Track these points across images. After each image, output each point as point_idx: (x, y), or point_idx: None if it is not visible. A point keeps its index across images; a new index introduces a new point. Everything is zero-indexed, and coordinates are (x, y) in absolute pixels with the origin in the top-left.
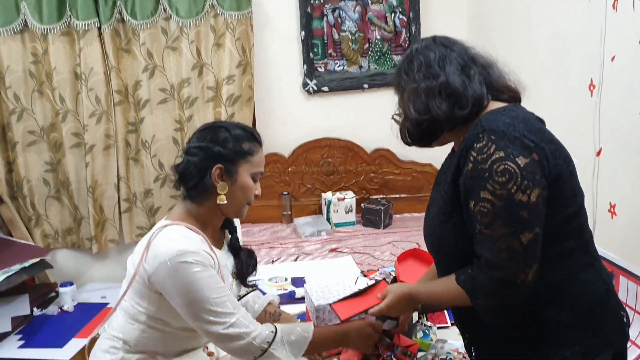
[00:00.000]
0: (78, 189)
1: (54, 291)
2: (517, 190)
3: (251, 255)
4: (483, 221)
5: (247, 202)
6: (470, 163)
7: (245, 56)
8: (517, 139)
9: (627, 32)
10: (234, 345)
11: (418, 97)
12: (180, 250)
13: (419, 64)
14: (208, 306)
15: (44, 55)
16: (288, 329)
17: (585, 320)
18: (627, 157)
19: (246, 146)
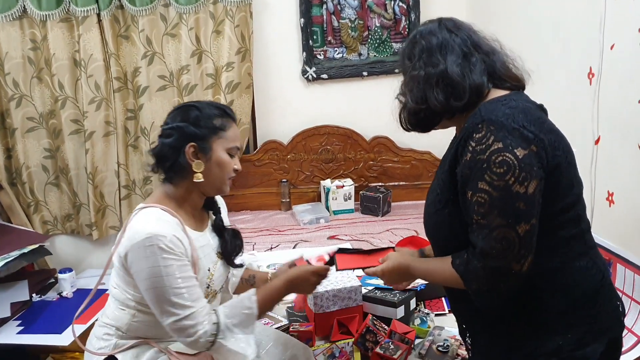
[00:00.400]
0: (77, 175)
1: (53, 277)
2: (514, 182)
3: (236, 236)
4: (479, 211)
5: (227, 177)
6: (468, 153)
7: (245, 43)
8: (515, 130)
9: (626, 20)
10: (184, 340)
11: (416, 85)
12: (150, 233)
13: (420, 49)
14: (166, 295)
15: (42, 42)
16: (231, 312)
17: (579, 308)
18: (625, 145)
19: (218, 122)
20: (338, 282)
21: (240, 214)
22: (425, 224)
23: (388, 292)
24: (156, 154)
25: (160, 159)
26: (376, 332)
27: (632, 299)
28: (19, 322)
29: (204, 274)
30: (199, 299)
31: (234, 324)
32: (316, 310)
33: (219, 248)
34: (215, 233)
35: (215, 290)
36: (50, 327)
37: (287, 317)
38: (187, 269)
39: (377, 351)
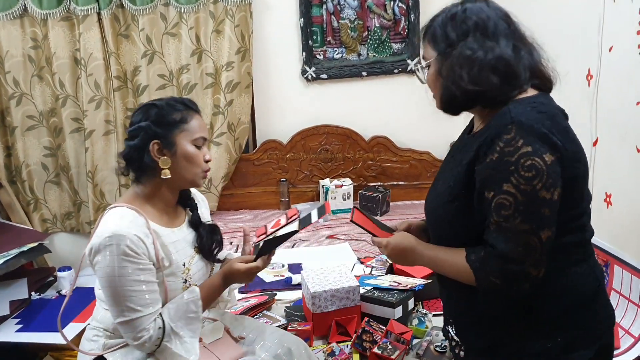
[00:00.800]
0: (78, 173)
1: (52, 275)
2: (541, 188)
3: (214, 231)
4: (502, 213)
5: (199, 169)
6: (495, 153)
7: (245, 43)
8: (545, 136)
9: (625, 23)
10: (131, 342)
11: (473, 66)
12: (111, 233)
13: (473, 26)
14: (117, 296)
15: (43, 40)
16: (177, 315)
17: (572, 313)
18: (623, 147)
19: (178, 116)
20: (336, 282)
21: (239, 213)
22: (429, 211)
23: (386, 293)
24: (124, 156)
25: (129, 161)
26: (372, 332)
27: (629, 300)
28: (17, 320)
29: (177, 269)
30: (149, 304)
31: (180, 327)
32: (314, 310)
33: (195, 243)
34: (192, 228)
35: (195, 284)
36: (49, 325)
37: (285, 317)
38: (141, 273)
39: (374, 351)
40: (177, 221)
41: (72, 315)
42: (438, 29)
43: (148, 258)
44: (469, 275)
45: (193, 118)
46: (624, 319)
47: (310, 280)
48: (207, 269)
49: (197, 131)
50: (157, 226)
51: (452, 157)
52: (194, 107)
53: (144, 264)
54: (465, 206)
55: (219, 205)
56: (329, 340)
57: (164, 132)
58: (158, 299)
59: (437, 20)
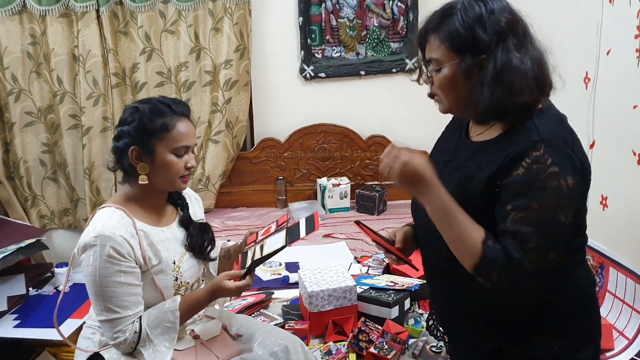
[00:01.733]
0: (75, 170)
1: (49, 271)
2: (560, 210)
3: (205, 229)
4: (522, 228)
5: (176, 177)
6: (522, 169)
7: (243, 41)
8: (570, 157)
9: (623, 26)
10: (109, 340)
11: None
12: (97, 234)
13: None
14: (98, 295)
15: (42, 37)
16: (154, 323)
17: (575, 315)
18: (620, 150)
19: (158, 123)
20: (333, 282)
21: (236, 211)
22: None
23: (383, 292)
24: (113, 154)
25: (115, 159)
26: (369, 332)
27: (624, 302)
28: (15, 315)
29: (167, 266)
30: (128, 307)
31: (157, 334)
32: (311, 309)
33: (186, 241)
34: (182, 227)
35: (187, 282)
36: (47, 321)
37: (282, 316)
38: (123, 276)
39: (371, 351)
40: (167, 220)
41: (69, 311)
42: (459, 28)
43: (133, 259)
44: (471, 256)
45: (177, 125)
46: (619, 320)
47: (308, 279)
48: (199, 267)
49: (178, 140)
50: (145, 225)
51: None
52: (183, 110)
53: (128, 266)
54: (484, 218)
55: (216, 203)
56: (325, 340)
57: (143, 139)
58: (139, 302)
59: (453, 18)
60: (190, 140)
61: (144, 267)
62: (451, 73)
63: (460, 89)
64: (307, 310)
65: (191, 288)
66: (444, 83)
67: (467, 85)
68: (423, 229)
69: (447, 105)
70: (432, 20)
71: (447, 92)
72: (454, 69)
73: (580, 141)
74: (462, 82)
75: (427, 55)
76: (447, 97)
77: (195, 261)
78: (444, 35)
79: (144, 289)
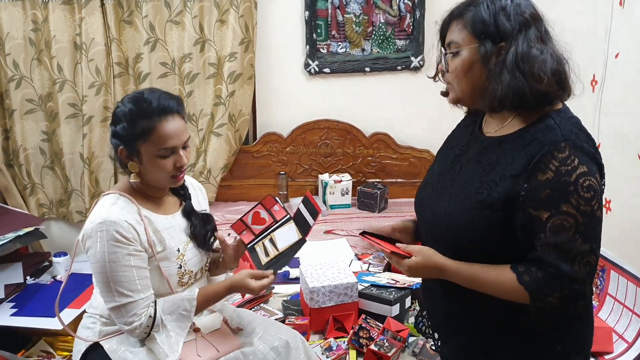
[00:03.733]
0: (72, 160)
1: (47, 260)
2: (597, 208)
3: (207, 220)
4: (562, 235)
5: (166, 175)
6: (549, 172)
7: (248, 34)
8: (592, 156)
9: (632, 30)
10: (123, 327)
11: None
12: (103, 219)
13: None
14: (108, 281)
15: (43, 23)
16: (170, 309)
17: (572, 324)
18: (625, 154)
19: (140, 126)
20: (335, 278)
21: (237, 205)
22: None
23: (384, 290)
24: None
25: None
26: (369, 329)
27: (625, 306)
28: (12, 304)
29: (171, 254)
30: (140, 290)
31: (170, 320)
32: (312, 305)
33: (189, 231)
34: (185, 217)
35: (191, 270)
36: (44, 310)
37: (282, 311)
38: (132, 259)
39: (371, 348)
40: (171, 208)
41: (67, 301)
42: (484, 15)
43: (139, 244)
44: (520, 296)
45: (159, 127)
46: (618, 324)
47: (309, 275)
48: (202, 257)
49: (162, 143)
50: (150, 212)
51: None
52: (168, 106)
53: (135, 249)
54: (499, 217)
55: (217, 196)
56: (326, 336)
57: (128, 141)
58: (149, 285)
59: (479, 6)
60: (175, 140)
61: (149, 252)
62: (469, 57)
63: (476, 74)
64: (307, 305)
65: (195, 277)
66: (460, 67)
67: (483, 71)
68: (426, 228)
69: (459, 92)
70: (457, 8)
71: (461, 77)
72: (473, 53)
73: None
74: (478, 67)
75: (447, 40)
76: (461, 82)
77: (198, 250)
78: (467, 20)
79: (150, 277)
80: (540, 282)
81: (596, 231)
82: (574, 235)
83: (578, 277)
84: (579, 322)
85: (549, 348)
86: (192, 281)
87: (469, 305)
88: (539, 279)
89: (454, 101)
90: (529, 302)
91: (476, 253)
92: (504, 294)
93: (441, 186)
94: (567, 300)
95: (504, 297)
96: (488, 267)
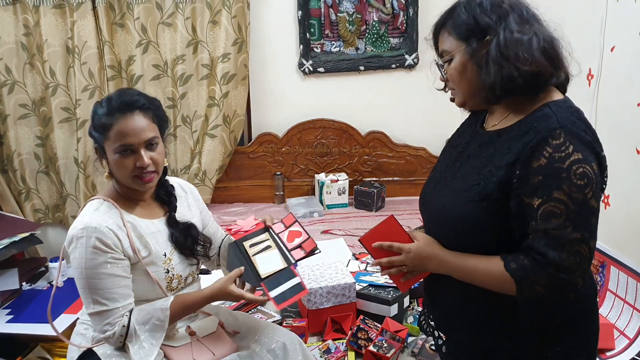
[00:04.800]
0: (66, 165)
1: (43, 266)
2: (592, 196)
3: (187, 233)
4: (552, 222)
5: (130, 176)
6: (543, 158)
7: (241, 34)
8: (590, 144)
9: (627, 23)
10: (98, 334)
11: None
12: (84, 225)
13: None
14: (86, 287)
15: (35, 28)
16: (144, 319)
17: (574, 324)
18: (622, 148)
19: (101, 121)
20: (332, 279)
21: (233, 206)
22: (442, 210)
23: (382, 290)
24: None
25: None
26: (368, 330)
27: (625, 301)
28: (8, 310)
29: (158, 258)
30: (116, 299)
31: (144, 330)
32: (310, 307)
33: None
34: (167, 226)
35: (180, 275)
36: (40, 316)
37: (280, 313)
38: (110, 267)
39: (370, 349)
40: (157, 213)
41: (63, 306)
42: (463, 17)
43: (121, 251)
44: (508, 285)
45: (117, 123)
46: (619, 320)
47: (306, 276)
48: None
49: (117, 139)
50: (134, 217)
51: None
52: (130, 104)
53: (114, 257)
54: (496, 208)
55: (213, 198)
56: (324, 337)
57: (96, 139)
58: (127, 295)
59: (457, 10)
60: (133, 138)
61: (133, 258)
62: (460, 60)
63: (470, 73)
64: (305, 307)
65: (185, 281)
66: (454, 72)
67: (475, 69)
68: (428, 225)
69: (462, 95)
70: (440, 20)
71: (458, 80)
72: (462, 55)
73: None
74: (470, 66)
75: (440, 50)
76: (459, 85)
77: (180, 257)
78: (450, 27)
79: (138, 282)
80: (526, 269)
81: (589, 221)
82: (564, 223)
83: (565, 266)
84: (582, 323)
85: (548, 348)
86: (182, 286)
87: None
88: (526, 266)
89: (461, 105)
90: (516, 292)
91: (474, 247)
92: (493, 283)
93: (442, 183)
94: (554, 290)
95: (494, 287)
96: (479, 256)
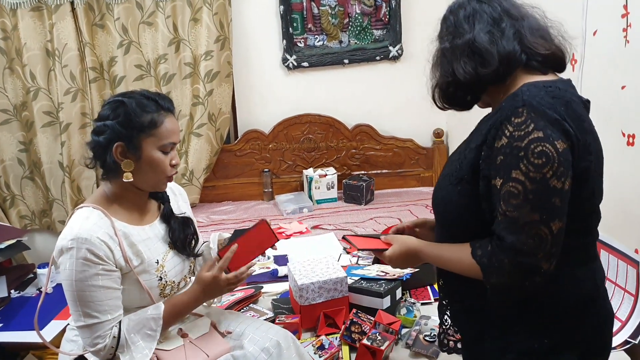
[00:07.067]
0: (50, 169)
1: (32, 272)
2: (552, 176)
3: (186, 224)
4: (511, 202)
5: (163, 175)
6: (504, 137)
7: (223, 31)
8: (557, 122)
9: (609, 6)
10: (88, 347)
11: (444, 57)
12: (74, 236)
13: (449, 24)
14: (76, 300)
15: (13, 31)
16: (135, 328)
17: (564, 317)
18: (608, 132)
19: (147, 119)
20: (323, 274)
21: (222, 205)
22: (434, 194)
23: (374, 283)
24: (91, 149)
25: (94, 156)
26: (361, 323)
27: (616, 284)
28: None
29: (150, 266)
30: (107, 311)
31: (135, 340)
32: (302, 303)
33: (168, 237)
34: (164, 222)
35: (173, 281)
36: (30, 324)
37: (272, 310)
38: (101, 279)
39: (364, 343)
40: (149, 218)
41: (53, 313)
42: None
43: (112, 262)
44: (476, 272)
45: (164, 121)
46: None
47: (297, 272)
48: (184, 265)
49: (166, 137)
50: (125, 225)
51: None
52: (168, 106)
53: (105, 269)
54: (470, 190)
55: (201, 197)
56: (317, 333)
57: (130, 135)
58: (117, 306)
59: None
60: (176, 136)
61: (125, 268)
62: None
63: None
64: (297, 303)
65: (177, 287)
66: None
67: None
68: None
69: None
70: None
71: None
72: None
73: (584, 117)
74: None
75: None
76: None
77: (180, 259)
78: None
79: (129, 291)
80: (489, 256)
81: (550, 202)
82: (521, 203)
83: (524, 250)
84: (576, 316)
85: (535, 340)
86: (175, 291)
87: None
88: (488, 252)
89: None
90: (483, 279)
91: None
92: (467, 272)
93: (444, 168)
94: (516, 275)
95: (470, 275)
96: (452, 245)
